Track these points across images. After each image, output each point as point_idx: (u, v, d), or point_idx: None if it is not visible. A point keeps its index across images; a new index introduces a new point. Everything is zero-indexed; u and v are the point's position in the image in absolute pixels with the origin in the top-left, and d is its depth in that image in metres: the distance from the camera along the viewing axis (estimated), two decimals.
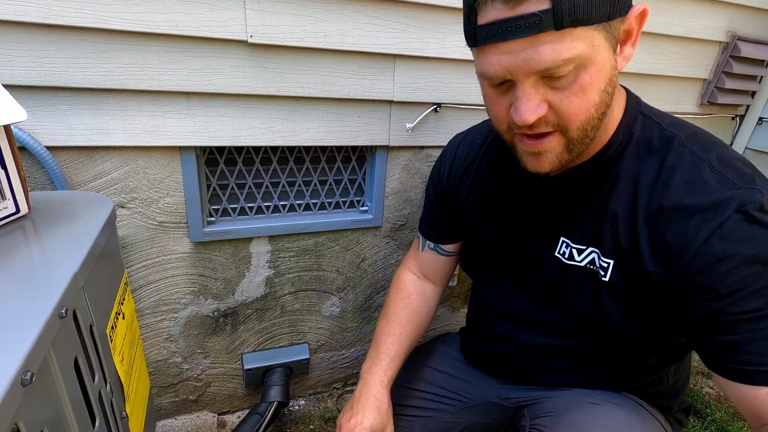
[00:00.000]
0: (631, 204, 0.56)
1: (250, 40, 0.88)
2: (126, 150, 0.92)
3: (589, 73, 0.48)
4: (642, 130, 0.58)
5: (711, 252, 0.49)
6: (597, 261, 0.60)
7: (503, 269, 0.76)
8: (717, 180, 0.51)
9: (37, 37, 0.77)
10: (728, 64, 1.37)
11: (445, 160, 0.85)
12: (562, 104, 0.50)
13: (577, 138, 0.53)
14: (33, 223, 0.59)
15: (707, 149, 0.55)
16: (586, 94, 0.49)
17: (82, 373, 0.50)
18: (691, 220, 0.51)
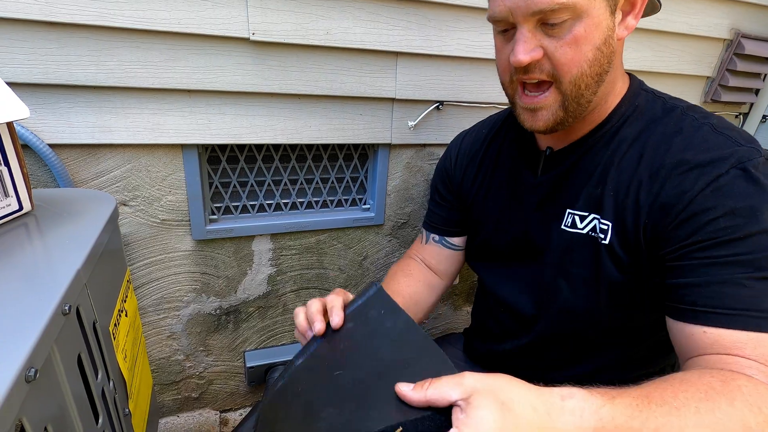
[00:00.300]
0: (635, 167, 0.57)
1: (252, 37, 0.88)
2: (128, 148, 0.92)
3: (584, 25, 0.51)
4: (645, 103, 0.61)
5: (701, 203, 0.51)
6: (597, 226, 0.61)
7: (510, 255, 0.75)
8: (718, 138, 0.53)
9: (40, 35, 0.77)
10: (732, 61, 1.36)
11: (452, 152, 0.86)
12: (556, 52, 0.53)
13: (571, 94, 0.56)
14: (36, 221, 0.59)
15: (707, 116, 0.58)
16: (580, 46, 0.52)
17: (86, 370, 0.50)
18: (690, 174, 0.52)
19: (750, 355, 0.47)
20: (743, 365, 0.47)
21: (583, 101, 0.57)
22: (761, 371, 0.46)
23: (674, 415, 0.40)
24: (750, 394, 0.43)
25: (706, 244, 0.50)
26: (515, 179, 0.73)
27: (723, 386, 0.43)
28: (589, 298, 0.64)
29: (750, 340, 0.48)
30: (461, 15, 1.03)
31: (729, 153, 0.52)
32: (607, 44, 0.54)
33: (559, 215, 0.66)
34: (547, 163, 0.67)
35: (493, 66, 1.11)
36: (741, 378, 0.45)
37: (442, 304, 1.44)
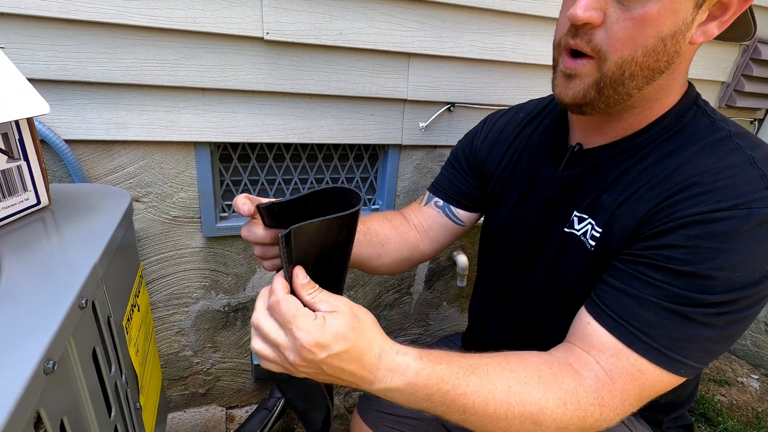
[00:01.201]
0: (648, 180, 0.54)
1: (266, 37, 0.88)
2: (142, 144, 0.93)
3: (660, 5, 0.45)
4: (691, 120, 0.56)
5: (679, 224, 0.48)
6: (590, 231, 0.59)
7: (515, 245, 0.74)
8: (751, 172, 0.48)
9: (58, 32, 0.78)
10: (748, 66, 1.34)
11: (484, 127, 0.82)
12: (616, 24, 0.47)
13: (611, 76, 0.50)
14: (53, 215, 0.60)
15: (756, 146, 0.51)
16: (645, 27, 0.46)
17: (100, 364, 0.50)
18: (695, 198, 0.48)
19: (601, 360, 0.50)
20: (589, 367, 0.50)
21: (621, 90, 0.51)
22: (597, 377, 0.50)
23: (485, 387, 0.47)
24: (566, 391, 0.48)
25: (650, 262, 0.50)
26: (537, 169, 0.70)
27: (550, 377, 0.49)
28: (575, 301, 0.62)
29: (614, 348, 0.50)
30: (474, 17, 1.02)
31: (747, 191, 0.47)
32: (675, 40, 0.47)
33: (566, 216, 0.64)
34: (572, 160, 0.64)
35: (506, 69, 1.12)
36: (572, 377, 0.50)
37: (449, 306, 1.44)
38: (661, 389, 0.51)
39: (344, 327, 0.42)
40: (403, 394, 0.46)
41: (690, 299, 0.47)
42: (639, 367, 0.49)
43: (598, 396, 0.49)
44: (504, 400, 0.47)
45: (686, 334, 0.48)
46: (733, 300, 0.47)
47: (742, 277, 0.46)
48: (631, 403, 0.50)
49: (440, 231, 0.85)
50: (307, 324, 0.41)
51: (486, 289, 0.83)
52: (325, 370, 0.43)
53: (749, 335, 1.71)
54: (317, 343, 0.40)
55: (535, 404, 0.48)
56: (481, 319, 0.85)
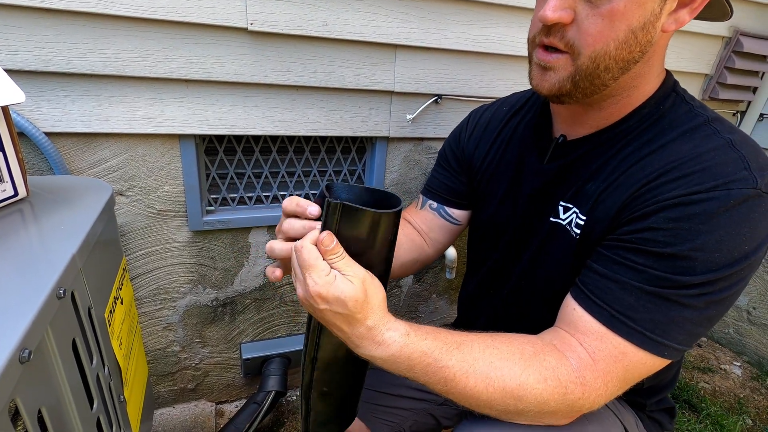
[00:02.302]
0: (629, 167, 0.55)
1: (250, 27, 0.87)
2: (125, 137, 0.92)
3: (625, 1, 0.47)
4: (670, 107, 0.57)
5: (660, 207, 0.49)
6: (575, 220, 0.60)
7: (502, 238, 0.75)
8: (729, 155, 0.49)
9: (36, 22, 0.77)
10: (730, 59, 1.37)
11: (469, 123, 0.83)
12: (585, 20, 0.49)
13: (586, 69, 0.51)
14: (31, 207, 0.59)
15: (732, 130, 0.53)
16: (614, 22, 0.48)
17: (81, 355, 0.50)
18: (679, 180, 0.49)
19: (585, 344, 0.51)
20: (572, 348, 0.52)
21: (597, 82, 0.52)
22: (580, 358, 0.51)
23: (467, 362, 0.49)
24: (547, 368, 0.50)
25: (631, 246, 0.51)
26: (522, 162, 0.71)
27: (532, 355, 0.51)
28: (560, 290, 0.63)
29: (598, 332, 0.51)
30: (461, 8, 1.02)
31: (726, 172, 0.48)
32: (645, 30, 0.49)
33: (552, 206, 0.65)
34: (556, 152, 0.65)
35: (493, 61, 1.12)
36: (554, 354, 0.51)
37: (439, 299, 1.45)
38: (646, 372, 0.52)
39: (348, 295, 0.44)
40: (385, 363, 0.49)
41: (671, 281, 0.48)
42: (622, 349, 0.50)
43: (579, 375, 0.50)
44: (484, 374, 0.49)
45: (669, 317, 0.49)
46: (714, 280, 0.48)
47: (721, 257, 0.47)
48: (615, 385, 0.51)
49: (439, 232, 0.87)
50: (318, 276, 0.44)
51: (474, 281, 0.84)
52: (319, 315, 0.47)
53: (732, 323, 1.75)
54: (319, 294, 0.45)
55: (515, 379, 0.49)
56: (469, 311, 0.86)
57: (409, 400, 0.88)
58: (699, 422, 1.40)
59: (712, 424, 1.40)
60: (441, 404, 0.87)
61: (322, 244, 0.45)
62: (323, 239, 0.45)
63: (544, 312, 0.68)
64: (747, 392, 1.56)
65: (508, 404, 0.50)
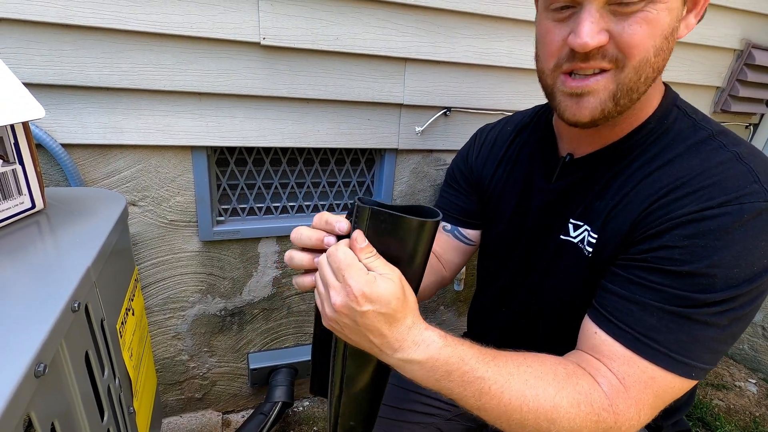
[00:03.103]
0: (637, 183, 0.55)
1: (262, 42, 0.89)
2: (139, 149, 0.93)
3: (658, 9, 0.46)
4: (674, 122, 0.56)
5: (673, 225, 0.49)
6: (586, 238, 0.60)
7: (511, 258, 0.74)
8: (738, 168, 0.49)
9: (56, 37, 0.79)
10: (742, 71, 1.35)
11: (475, 143, 0.83)
12: (624, 32, 0.47)
13: (629, 82, 0.50)
14: (47, 219, 0.60)
15: (737, 143, 0.52)
16: (652, 27, 0.47)
17: (93, 367, 0.50)
18: (688, 196, 0.49)
19: (614, 368, 0.50)
20: (601, 373, 0.50)
21: (634, 96, 0.51)
22: (611, 383, 0.49)
23: (503, 376, 0.47)
24: (581, 392, 0.48)
25: (648, 265, 0.50)
26: (530, 181, 0.71)
27: (565, 377, 0.49)
28: (569, 305, 0.63)
29: (624, 356, 0.49)
30: (470, 22, 1.03)
31: (736, 187, 0.47)
32: (671, 38, 0.49)
33: (560, 224, 0.64)
34: (563, 171, 0.65)
35: (502, 73, 1.13)
36: (586, 379, 0.49)
37: (446, 311, 1.44)
38: (674, 395, 0.50)
39: (391, 293, 0.43)
40: (423, 368, 0.46)
41: (691, 300, 0.47)
42: (651, 374, 0.48)
43: (612, 403, 0.48)
44: (520, 392, 0.47)
45: (692, 336, 0.48)
46: (735, 297, 0.47)
47: (740, 273, 0.46)
48: (646, 413, 0.49)
49: (454, 254, 0.87)
50: (359, 275, 0.42)
51: (484, 297, 0.83)
52: (358, 322, 0.44)
53: (747, 339, 1.71)
54: (363, 294, 0.42)
55: (549, 401, 0.47)
56: (479, 326, 0.85)
57: (418, 414, 0.87)
58: None
59: None
60: (449, 420, 0.86)
61: (356, 242, 0.43)
62: (356, 237, 0.43)
63: (554, 328, 0.68)
64: (763, 410, 1.52)
65: (541, 426, 0.47)
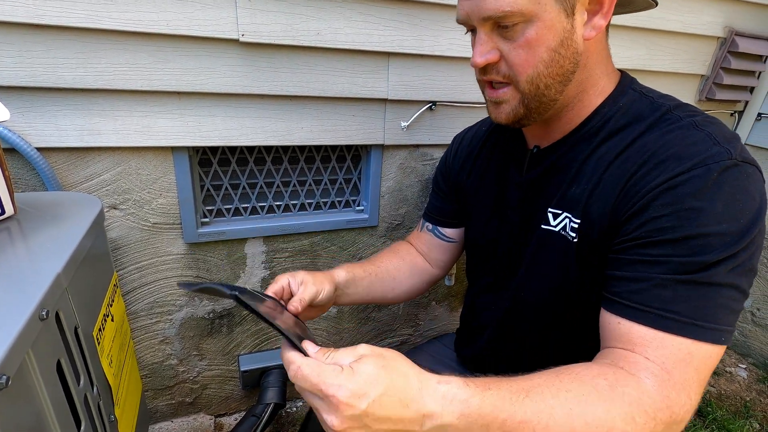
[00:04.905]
0: (609, 165, 0.57)
1: (241, 38, 0.87)
2: (118, 151, 0.91)
3: (535, 29, 0.52)
4: (631, 102, 0.59)
5: (652, 198, 0.50)
6: (568, 224, 0.61)
7: (494, 253, 0.75)
8: (696, 134, 0.52)
9: (26, 38, 0.76)
10: (726, 59, 1.36)
11: (454, 144, 0.87)
12: (510, 54, 0.55)
13: (529, 92, 0.57)
14: (18, 225, 0.58)
15: (693, 113, 0.55)
16: (533, 49, 0.53)
17: (66, 376, 0.49)
18: (656, 169, 0.51)
19: (651, 356, 0.48)
20: (641, 366, 0.48)
21: (545, 99, 0.57)
22: (654, 374, 0.47)
23: (545, 411, 0.42)
24: (631, 403, 0.44)
25: (644, 241, 0.50)
26: (504, 177, 0.73)
27: (609, 390, 0.45)
28: (562, 296, 0.64)
29: (655, 339, 0.48)
30: (453, 14, 1.01)
31: (698, 151, 0.50)
32: (565, 45, 0.54)
33: (539, 215, 0.65)
34: (532, 162, 0.67)
35: None
36: (630, 383, 0.46)
37: (438, 306, 1.44)
38: (712, 366, 0.49)
39: (373, 369, 0.39)
40: (458, 430, 0.41)
41: (695, 264, 0.48)
42: (686, 349, 0.47)
43: (663, 396, 0.46)
44: (567, 424, 0.43)
45: (709, 300, 0.48)
46: (733, 254, 0.48)
47: (730, 227, 0.47)
48: (695, 393, 0.48)
49: (438, 251, 0.90)
50: (335, 378, 0.38)
51: (474, 295, 0.84)
52: (368, 424, 0.38)
53: (737, 325, 1.72)
54: (353, 393, 0.37)
55: (601, 425, 0.43)
56: (473, 323, 0.85)
57: None
58: (705, 427, 1.38)
59: (719, 428, 1.37)
60: None
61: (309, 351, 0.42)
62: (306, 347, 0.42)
63: (549, 322, 0.68)
64: (753, 395, 1.54)
65: None
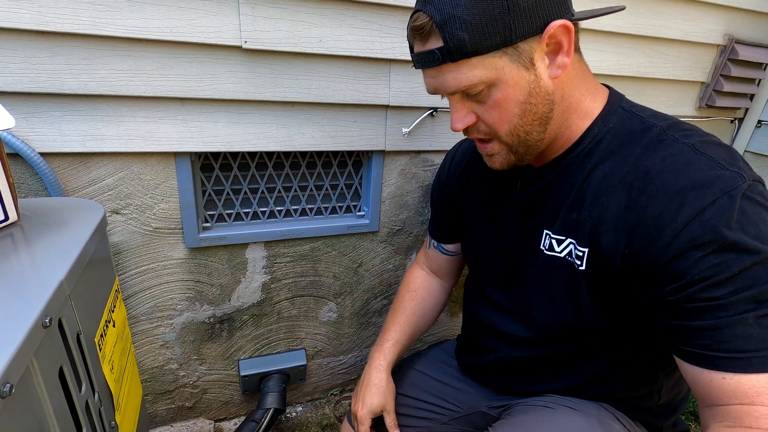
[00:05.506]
0: (611, 191, 0.56)
1: (244, 45, 0.88)
2: (120, 156, 0.92)
3: (501, 90, 0.54)
4: (621, 122, 0.59)
5: (688, 238, 0.48)
6: (573, 251, 0.60)
7: (492, 270, 0.76)
8: (700, 161, 0.51)
9: (31, 44, 0.77)
10: (726, 67, 1.36)
11: (446, 162, 0.88)
12: (484, 115, 0.58)
13: (513, 143, 0.59)
14: (22, 231, 0.58)
15: (689, 134, 0.55)
16: (503, 107, 0.56)
17: (68, 383, 0.49)
18: (672, 201, 0.50)
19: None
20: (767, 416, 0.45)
21: (531, 143, 0.59)
22: None
23: None
24: None
25: (705, 284, 0.48)
26: (498, 193, 0.73)
27: None
28: (567, 319, 0.63)
29: None
30: None
31: (712, 179, 0.49)
32: (534, 95, 0.55)
33: (536, 235, 0.65)
34: (526, 180, 0.68)
35: None
36: None
37: None
38: None
39: None
40: None
41: (765, 293, 0.47)
42: None
43: None
44: None
45: None
46: None
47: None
48: None
49: (446, 266, 0.95)
50: None
51: (473, 307, 0.84)
52: None
53: None
54: None
55: None
56: (473, 338, 0.84)
57: (413, 419, 0.86)
58: None
59: None
60: (444, 423, 0.86)
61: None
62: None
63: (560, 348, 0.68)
64: None
65: None
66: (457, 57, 0.52)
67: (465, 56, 0.52)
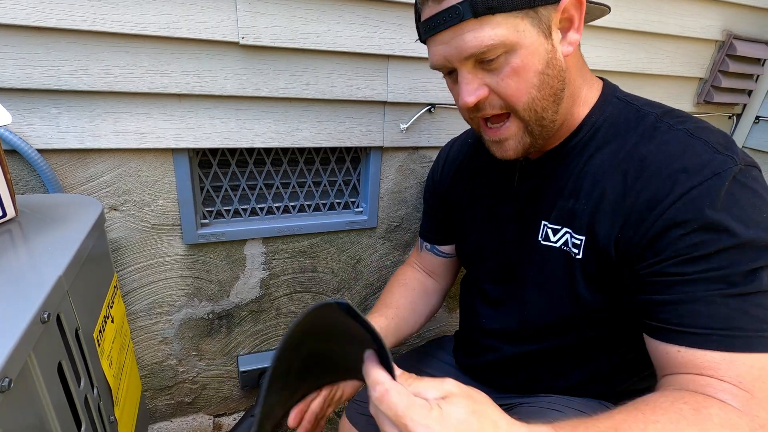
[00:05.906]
0: (607, 179, 0.56)
1: (241, 41, 0.87)
2: (118, 152, 0.92)
3: (520, 56, 0.52)
4: (618, 111, 0.59)
5: (673, 215, 0.49)
6: (570, 240, 0.60)
7: (490, 266, 0.75)
8: (695, 144, 0.51)
9: (28, 40, 0.77)
10: (724, 62, 1.36)
11: (439, 161, 0.87)
12: (499, 86, 0.54)
13: (531, 119, 0.56)
14: (20, 227, 0.59)
15: (683, 120, 0.55)
16: (521, 76, 0.53)
17: (67, 378, 0.49)
18: (664, 183, 0.50)
19: (724, 376, 0.46)
20: (717, 388, 0.46)
21: (546, 122, 0.57)
22: (734, 394, 0.45)
23: None
24: (722, 425, 0.42)
25: (678, 260, 0.49)
26: (495, 188, 0.73)
27: (695, 415, 0.43)
28: (566, 312, 0.63)
29: (723, 360, 0.46)
30: None
31: (705, 162, 0.49)
32: (551, 66, 0.54)
33: (535, 227, 0.65)
34: (523, 174, 0.67)
35: None
36: (714, 405, 0.44)
37: None
38: None
39: (464, 414, 0.35)
40: None
41: (738, 275, 0.47)
42: (760, 364, 0.46)
43: (753, 417, 0.43)
44: None
45: (764, 307, 0.47)
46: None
47: (756, 233, 0.47)
48: None
49: (441, 269, 0.92)
50: (423, 417, 0.34)
51: (470, 303, 0.84)
52: None
53: None
54: None
55: None
56: (472, 337, 0.84)
57: None
58: None
59: None
60: None
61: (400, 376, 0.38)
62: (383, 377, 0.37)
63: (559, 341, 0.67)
64: None
65: None
66: (481, 11, 0.49)
67: (489, 11, 0.49)
